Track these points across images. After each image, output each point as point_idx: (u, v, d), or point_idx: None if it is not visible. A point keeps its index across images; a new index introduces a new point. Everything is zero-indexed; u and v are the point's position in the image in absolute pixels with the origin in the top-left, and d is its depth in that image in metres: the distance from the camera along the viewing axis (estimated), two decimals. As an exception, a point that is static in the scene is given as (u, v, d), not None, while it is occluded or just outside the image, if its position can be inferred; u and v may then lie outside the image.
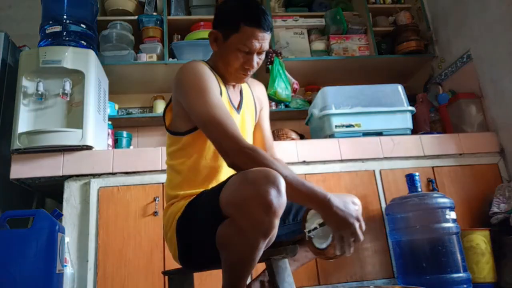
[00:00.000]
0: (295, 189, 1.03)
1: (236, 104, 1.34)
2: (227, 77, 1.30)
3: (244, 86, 1.41)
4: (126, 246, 2.02)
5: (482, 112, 2.57)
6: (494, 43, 2.46)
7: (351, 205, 1.06)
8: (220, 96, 1.23)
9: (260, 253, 0.99)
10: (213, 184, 1.21)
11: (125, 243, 2.02)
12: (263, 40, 1.22)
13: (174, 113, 1.27)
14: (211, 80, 1.21)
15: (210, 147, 1.22)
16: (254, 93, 1.44)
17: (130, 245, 2.02)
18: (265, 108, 1.50)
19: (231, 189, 1.00)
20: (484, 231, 2.09)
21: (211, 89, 1.18)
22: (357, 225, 1.03)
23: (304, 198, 1.04)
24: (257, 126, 1.45)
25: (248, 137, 1.39)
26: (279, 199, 0.93)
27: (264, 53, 1.27)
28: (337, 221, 1.03)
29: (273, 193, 0.92)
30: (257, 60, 1.26)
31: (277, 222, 0.95)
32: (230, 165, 1.09)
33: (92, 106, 2.18)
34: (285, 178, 1.00)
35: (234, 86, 1.36)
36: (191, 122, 1.22)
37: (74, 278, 1.96)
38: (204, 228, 1.07)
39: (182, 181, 1.24)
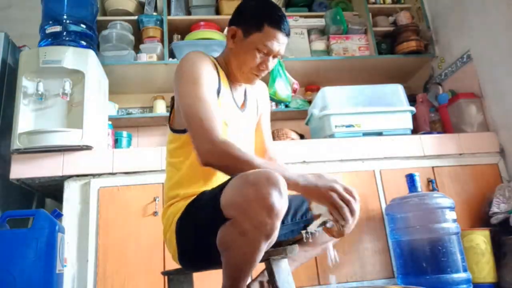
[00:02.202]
0: None
1: (240, 104, 1.33)
2: (238, 76, 1.29)
3: (248, 86, 1.40)
4: (126, 246, 2.02)
5: (482, 112, 2.57)
6: (494, 43, 2.46)
7: (329, 177, 1.05)
8: (217, 92, 1.22)
9: (261, 254, 0.99)
10: (213, 182, 1.20)
11: (125, 243, 2.02)
12: (283, 44, 1.23)
13: (175, 110, 1.27)
14: (207, 73, 1.20)
15: None
16: (257, 94, 1.44)
17: (130, 245, 2.02)
18: (267, 110, 1.50)
19: (232, 191, 1.00)
20: (484, 231, 2.09)
21: (204, 81, 1.17)
22: (339, 189, 1.02)
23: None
24: (257, 128, 1.45)
25: (250, 137, 1.39)
26: (281, 201, 0.93)
27: (278, 58, 1.27)
28: (317, 196, 1.03)
29: (275, 195, 0.92)
30: (272, 63, 1.26)
31: (279, 223, 0.95)
32: (204, 164, 1.09)
33: (92, 106, 2.18)
34: (264, 168, 1.01)
35: (239, 85, 1.36)
36: None
37: (74, 278, 1.96)
38: (205, 229, 1.07)
39: (182, 179, 1.24)
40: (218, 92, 1.23)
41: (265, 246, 0.97)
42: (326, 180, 1.04)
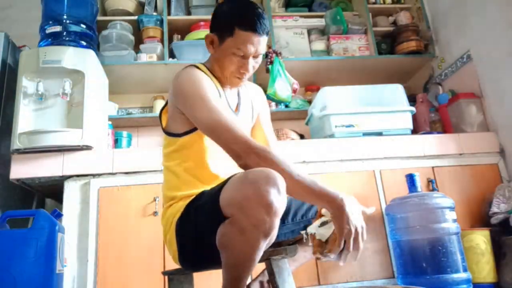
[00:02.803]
0: (307, 188, 1.02)
1: (234, 107, 1.34)
2: (223, 81, 1.30)
3: (241, 88, 1.41)
4: (126, 246, 2.02)
5: (482, 112, 2.57)
6: (494, 43, 2.46)
7: (359, 211, 1.02)
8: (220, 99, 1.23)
9: (260, 253, 0.99)
10: (211, 185, 1.21)
11: (125, 243, 2.02)
12: (258, 44, 1.20)
13: (169, 116, 1.27)
14: (209, 86, 1.21)
15: (206, 149, 1.23)
16: (251, 96, 1.44)
17: (130, 245, 2.02)
18: (264, 110, 1.49)
19: (231, 189, 1.00)
20: (484, 231, 2.09)
21: (211, 95, 1.18)
22: (359, 231, 0.99)
23: (316, 196, 1.03)
24: (259, 129, 1.45)
25: None
26: (280, 199, 0.93)
27: (261, 56, 1.26)
28: (344, 222, 0.99)
29: (273, 193, 0.92)
30: (253, 64, 1.25)
31: (277, 222, 0.95)
32: (243, 166, 1.09)
33: (92, 106, 2.18)
34: (297, 177, 1.01)
35: (231, 88, 1.36)
36: (188, 124, 1.22)
37: (74, 278, 1.96)
38: (205, 228, 1.07)
39: (180, 182, 1.24)
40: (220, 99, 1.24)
41: (264, 245, 0.97)
42: (358, 216, 1.00)
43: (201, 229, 1.09)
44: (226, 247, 1.00)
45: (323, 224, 1.08)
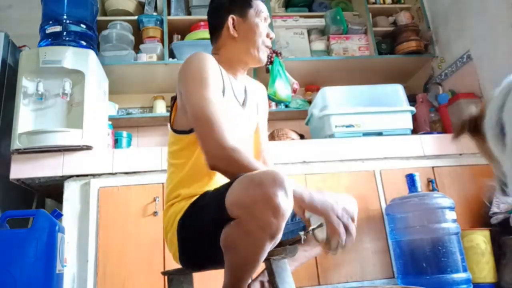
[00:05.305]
0: None
1: (241, 101, 1.34)
2: (249, 60, 1.34)
3: (248, 85, 1.41)
4: (126, 246, 2.02)
5: (482, 112, 2.57)
6: (494, 43, 2.46)
7: (332, 200, 1.04)
8: (223, 91, 1.23)
9: (265, 254, 0.98)
10: (215, 182, 1.21)
11: (125, 243, 2.02)
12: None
13: (178, 110, 1.27)
14: (214, 73, 1.20)
15: None
16: (257, 94, 1.46)
17: (130, 245, 2.02)
18: (265, 111, 1.51)
19: (238, 190, 0.99)
20: (484, 231, 2.09)
21: (212, 82, 1.17)
22: (337, 214, 1.02)
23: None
24: (255, 128, 1.45)
25: (249, 134, 1.39)
26: (287, 202, 0.93)
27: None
28: (319, 213, 1.03)
29: (281, 195, 0.92)
30: None
31: (284, 224, 0.95)
32: (211, 166, 1.09)
33: (92, 106, 2.18)
34: None
35: (240, 83, 1.37)
36: None
37: (74, 278, 1.96)
38: (208, 228, 1.06)
39: (183, 178, 1.23)
40: (223, 91, 1.24)
41: (269, 247, 0.97)
42: (330, 198, 1.04)
43: (204, 229, 1.09)
44: (231, 248, 0.99)
45: (320, 225, 1.08)
